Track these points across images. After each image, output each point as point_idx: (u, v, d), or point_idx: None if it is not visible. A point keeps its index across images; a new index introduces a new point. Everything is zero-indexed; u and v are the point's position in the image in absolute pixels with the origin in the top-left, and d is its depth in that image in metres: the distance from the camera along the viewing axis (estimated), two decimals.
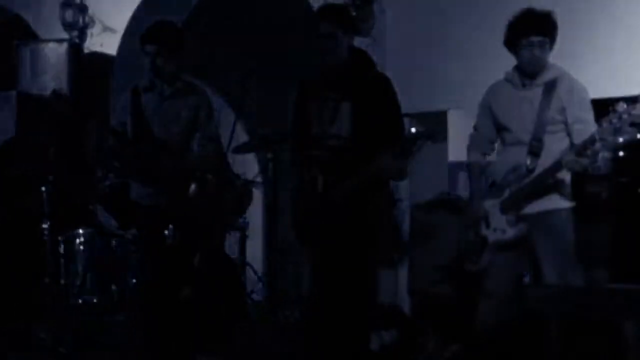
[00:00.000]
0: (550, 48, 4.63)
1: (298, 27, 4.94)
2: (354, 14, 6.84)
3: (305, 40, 4.83)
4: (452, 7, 6.71)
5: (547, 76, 4.62)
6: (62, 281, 6.76)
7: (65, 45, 8.17)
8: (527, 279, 5.42)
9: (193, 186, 5.39)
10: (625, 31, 5.86)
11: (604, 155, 4.39)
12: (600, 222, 5.99)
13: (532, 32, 4.57)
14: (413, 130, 4.56)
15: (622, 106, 4.14)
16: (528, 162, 4.58)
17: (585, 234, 5.06)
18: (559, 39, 4.74)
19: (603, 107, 4.38)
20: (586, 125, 4.50)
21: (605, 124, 4.18)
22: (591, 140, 4.27)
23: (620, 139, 4.17)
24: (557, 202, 4.61)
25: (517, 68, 4.71)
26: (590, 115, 4.56)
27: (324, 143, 4.76)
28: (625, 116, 4.12)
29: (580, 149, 4.34)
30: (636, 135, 4.14)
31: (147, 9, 8.34)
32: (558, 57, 4.74)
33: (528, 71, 4.65)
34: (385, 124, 4.71)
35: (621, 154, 5.91)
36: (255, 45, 8.94)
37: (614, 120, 4.15)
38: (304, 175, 4.84)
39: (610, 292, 4.13)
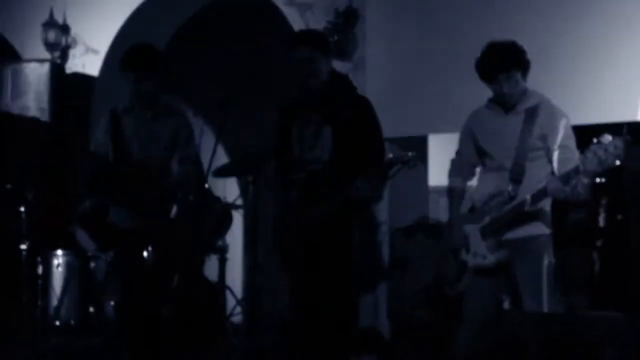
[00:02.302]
0: (524, 75, 4.63)
1: (280, 50, 4.95)
2: (335, 37, 6.88)
3: (287, 63, 4.84)
4: (433, 32, 6.74)
5: (527, 103, 4.63)
6: (40, 302, 6.72)
7: (47, 66, 8.16)
8: (506, 304, 5.43)
9: (174, 208, 5.37)
10: (607, 58, 5.89)
11: (583, 181, 4.38)
12: (579, 248, 6.02)
13: (498, 69, 4.58)
14: (390, 155, 4.58)
15: (607, 138, 4.13)
16: (509, 188, 4.58)
17: (565, 260, 5.07)
18: (540, 65, 4.77)
19: (586, 134, 4.39)
20: (568, 152, 4.50)
21: (590, 155, 4.16)
22: (576, 171, 4.27)
23: (602, 168, 4.16)
24: (537, 229, 4.61)
25: (497, 96, 4.72)
26: (572, 142, 4.56)
27: (304, 167, 4.76)
28: (610, 148, 4.11)
29: (565, 177, 4.34)
30: (615, 162, 4.14)
31: (129, 30, 8.35)
32: (540, 84, 4.77)
33: (504, 103, 4.67)
34: (366, 147, 4.72)
35: (600, 180, 5.95)
36: (236, 68, 8.96)
37: (600, 152, 4.13)
38: (285, 198, 4.84)
39: (589, 319, 4.14)
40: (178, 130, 5.43)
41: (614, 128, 4.35)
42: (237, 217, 7.49)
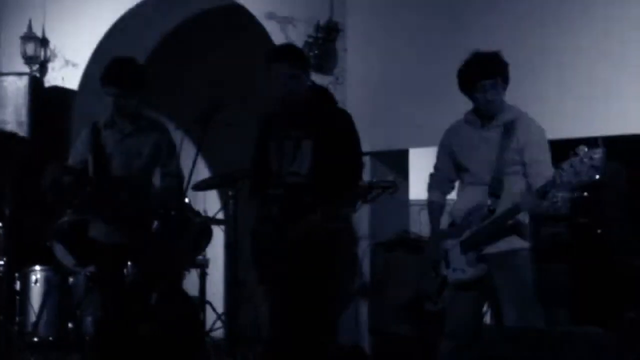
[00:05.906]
0: (504, 87, 4.67)
1: (261, 64, 4.94)
2: (316, 51, 6.87)
3: (268, 77, 4.82)
4: (413, 46, 6.74)
5: (505, 117, 4.65)
6: (18, 318, 6.67)
7: (25, 79, 8.11)
8: (487, 319, 5.42)
9: (156, 223, 5.35)
10: (586, 72, 5.89)
11: (563, 196, 4.39)
12: (560, 262, 6.02)
13: (482, 75, 4.61)
14: (373, 179, 4.56)
15: (583, 149, 4.17)
16: (488, 202, 4.59)
17: (545, 274, 5.07)
18: (518, 80, 4.78)
19: (562, 148, 4.40)
20: (543, 167, 4.52)
21: (566, 167, 4.20)
22: (551, 183, 4.29)
23: (579, 180, 4.19)
24: (516, 243, 4.61)
25: (475, 110, 4.74)
26: (547, 156, 4.59)
27: (283, 180, 4.75)
28: (586, 160, 4.14)
29: (540, 192, 4.36)
30: (595, 176, 4.16)
31: (109, 43, 8.32)
32: (518, 98, 4.77)
33: (485, 113, 4.68)
34: (345, 162, 4.70)
35: (580, 194, 5.96)
36: (217, 81, 8.94)
37: (575, 163, 4.17)
38: (263, 212, 4.82)
39: (569, 334, 4.13)
40: (160, 145, 5.41)
41: (590, 142, 4.38)
42: (218, 232, 7.46)
